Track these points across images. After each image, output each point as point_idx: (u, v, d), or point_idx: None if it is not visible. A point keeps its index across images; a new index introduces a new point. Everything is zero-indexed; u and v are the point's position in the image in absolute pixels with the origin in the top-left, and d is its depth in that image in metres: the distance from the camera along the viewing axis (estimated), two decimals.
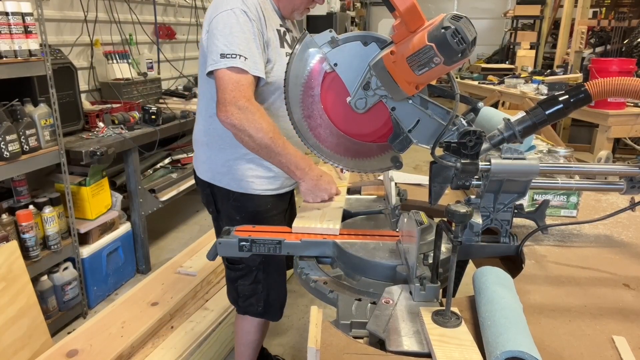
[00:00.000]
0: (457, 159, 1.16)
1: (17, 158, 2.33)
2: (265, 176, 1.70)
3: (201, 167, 1.78)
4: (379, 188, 1.80)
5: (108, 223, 3.01)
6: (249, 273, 1.76)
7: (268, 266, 1.76)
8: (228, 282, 1.85)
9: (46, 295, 2.57)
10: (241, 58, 1.45)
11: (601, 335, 0.97)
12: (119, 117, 3.15)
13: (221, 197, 1.75)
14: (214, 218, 1.86)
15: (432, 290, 1.05)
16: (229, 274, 1.83)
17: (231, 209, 1.74)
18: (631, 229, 1.48)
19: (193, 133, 1.82)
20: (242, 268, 1.76)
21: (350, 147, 1.33)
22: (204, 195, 1.81)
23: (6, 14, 2.26)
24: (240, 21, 1.46)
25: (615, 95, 1.20)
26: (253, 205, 1.71)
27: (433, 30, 1.00)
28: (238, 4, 1.48)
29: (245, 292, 1.79)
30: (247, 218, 1.69)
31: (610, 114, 3.50)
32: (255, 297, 1.80)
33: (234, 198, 1.72)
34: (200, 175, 1.79)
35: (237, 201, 1.72)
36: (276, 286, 1.83)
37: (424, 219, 1.09)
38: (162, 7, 4.31)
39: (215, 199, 1.77)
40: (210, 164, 1.73)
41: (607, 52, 5.49)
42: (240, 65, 1.45)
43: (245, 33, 1.47)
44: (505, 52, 9.06)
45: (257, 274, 1.76)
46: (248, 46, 1.47)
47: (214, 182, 1.73)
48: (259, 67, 1.49)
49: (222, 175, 1.71)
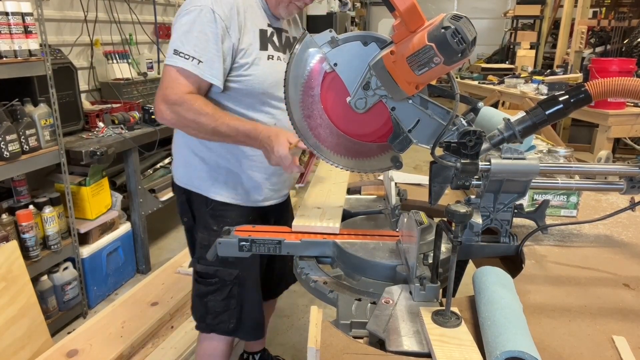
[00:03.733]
0: (457, 159, 1.16)
1: (17, 158, 2.33)
2: (247, 186, 1.64)
3: (178, 171, 1.70)
4: (379, 188, 1.80)
5: (108, 223, 3.01)
6: (222, 287, 1.65)
7: (244, 280, 1.67)
8: (195, 297, 1.72)
9: (46, 295, 2.57)
10: (194, 61, 1.39)
11: (601, 335, 0.97)
12: (119, 117, 3.15)
13: (198, 205, 1.66)
14: (188, 229, 1.76)
15: (432, 290, 1.05)
16: (198, 289, 1.70)
17: (209, 218, 1.64)
18: (631, 229, 1.48)
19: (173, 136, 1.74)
20: (215, 282, 1.65)
21: (350, 147, 1.33)
22: (179, 203, 1.72)
23: (6, 14, 2.26)
24: (203, 20, 1.39)
25: (616, 96, 1.20)
26: (233, 216, 1.63)
27: (433, 30, 1.00)
28: (209, 2, 1.41)
29: (217, 309, 1.67)
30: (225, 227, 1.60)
31: (610, 114, 3.50)
32: (228, 314, 1.68)
33: (212, 206, 1.63)
34: (177, 180, 1.70)
35: (216, 210, 1.63)
36: (251, 302, 1.72)
37: (424, 219, 1.09)
38: (162, 7, 4.31)
39: (192, 206, 1.68)
40: (188, 168, 1.65)
41: (607, 52, 5.49)
42: (190, 69, 1.40)
43: (206, 34, 1.40)
44: (505, 52, 9.06)
45: (231, 289, 1.66)
46: (205, 48, 1.40)
47: (192, 188, 1.65)
48: (214, 73, 1.43)
49: (201, 181, 1.63)
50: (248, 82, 1.51)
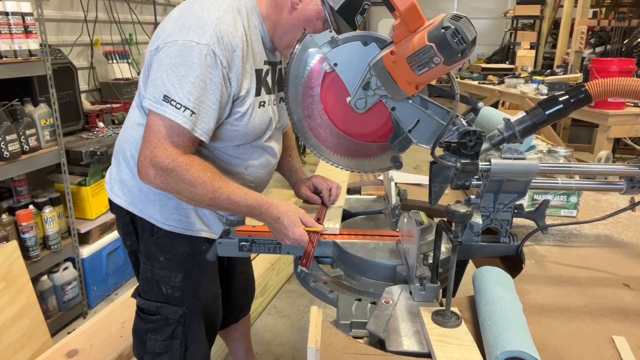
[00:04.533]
0: (457, 159, 1.16)
1: (17, 158, 2.32)
2: (203, 212, 1.42)
3: (118, 187, 1.42)
4: (379, 188, 1.80)
5: (108, 223, 3.00)
6: (164, 327, 1.44)
7: (191, 319, 1.46)
8: (134, 333, 1.51)
9: (46, 295, 2.57)
10: (186, 112, 1.17)
11: (601, 335, 0.97)
12: (119, 117, 3.15)
13: (141, 230, 1.42)
14: (131, 252, 1.51)
15: (432, 290, 1.05)
16: (137, 325, 1.49)
17: (153, 247, 1.41)
18: (631, 229, 1.48)
19: (116, 142, 1.45)
20: (156, 320, 1.44)
21: (350, 147, 1.33)
22: (121, 224, 1.45)
23: (6, 14, 2.26)
24: (203, 64, 1.17)
25: (616, 96, 1.20)
26: (183, 247, 1.41)
27: (433, 30, 1.00)
28: (212, 40, 1.18)
29: (156, 349, 1.45)
30: (174, 261, 1.40)
31: (610, 114, 3.49)
32: (168, 355, 1.46)
33: (159, 236, 1.39)
34: (115, 197, 1.43)
35: (162, 239, 1.39)
36: (197, 342, 1.50)
37: (424, 219, 1.09)
38: (162, 7, 4.31)
39: (136, 229, 1.43)
40: (132, 186, 1.38)
41: (607, 52, 5.49)
42: (181, 123, 1.17)
43: (204, 82, 1.18)
44: (505, 52, 9.06)
45: (175, 329, 1.44)
46: (201, 99, 1.19)
47: (136, 211, 1.39)
48: (205, 128, 1.22)
49: (146, 205, 1.37)
50: (240, 128, 1.33)
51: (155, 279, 1.42)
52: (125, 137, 1.39)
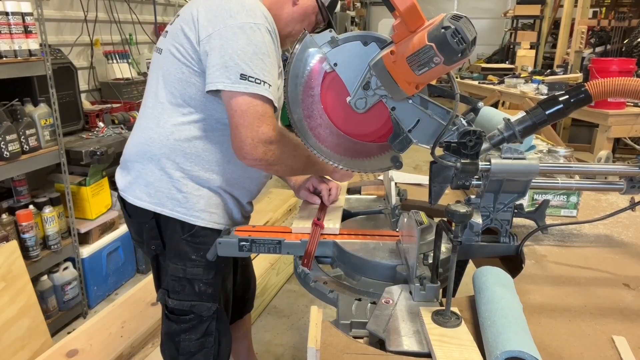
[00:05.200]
0: (457, 158, 1.16)
1: (17, 158, 2.33)
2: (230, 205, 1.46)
3: (141, 190, 1.41)
4: (379, 188, 1.80)
5: (108, 223, 3.01)
6: (198, 325, 1.45)
7: (222, 314, 1.49)
8: (165, 336, 1.51)
9: (46, 295, 2.57)
10: (265, 85, 1.24)
11: (601, 335, 0.97)
12: (119, 117, 3.15)
13: (170, 231, 1.42)
14: (154, 257, 1.52)
15: (432, 290, 1.05)
16: (169, 327, 1.48)
17: (185, 246, 1.41)
18: (631, 229, 1.48)
19: (129, 145, 1.46)
20: (190, 319, 1.45)
21: (350, 147, 1.33)
22: (147, 229, 1.44)
23: (6, 14, 2.26)
24: (266, 41, 1.27)
25: (616, 96, 1.20)
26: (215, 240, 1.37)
27: (433, 30, 1.00)
28: (262, 20, 1.27)
29: (191, 349, 1.46)
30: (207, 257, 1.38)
31: (610, 114, 3.50)
32: (203, 353, 1.47)
33: (192, 233, 1.40)
34: (138, 201, 1.41)
35: (196, 236, 1.40)
36: (227, 336, 1.54)
37: (424, 219, 1.09)
38: (162, 7, 4.31)
39: (162, 232, 1.44)
40: (160, 186, 1.38)
41: (607, 52, 5.49)
42: (265, 94, 1.24)
43: (270, 56, 1.27)
44: (505, 52, 9.07)
45: (209, 325, 1.47)
46: (272, 72, 1.27)
47: (165, 211, 1.39)
48: (276, 98, 1.30)
49: (177, 204, 1.38)
50: None
51: (187, 277, 1.43)
52: (157, 137, 1.38)
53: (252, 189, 1.52)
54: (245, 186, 1.49)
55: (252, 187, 1.51)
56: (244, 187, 1.49)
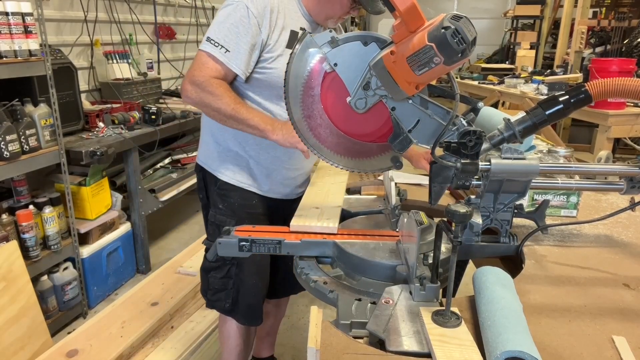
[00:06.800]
0: (457, 159, 1.16)
1: (17, 158, 2.33)
2: (255, 172, 1.73)
3: (199, 151, 1.83)
4: (379, 188, 1.80)
5: (108, 223, 3.01)
6: (222, 266, 1.74)
7: (242, 264, 1.73)
8: (202, 271, 1.84)
9: (46, 295, 2.57)
10: (222, 49, 1.51)
11: (601, 335, 0.97)
12: (119, 117, 3.15)
13: (210, 183, 1.79)
14: (204, 205, 1.88)
15: (432, 290, 1.05)
16: (204, 264, 1.82)
17: (216, 196, 1.76)
18: (631, 229, 1.48)
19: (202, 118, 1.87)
20: (216, 260, 1.67)
21: (350, 147, 1.33)
22: (198, 181, 1.86)
23: (6, 14, 2.26)
24: (237, 15, 1.51)
25: (616, 96, 1.20)
26: (236, 197, 1.73)
27: (433, 30, 1.00)
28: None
29: (215, 286, 1.77)
30: (230, 208, 1.72)
31: (610, 114, 3.50)
32: (224, 293, 1.77)
33: (219, 185, 1.74)
34: (197, 159, 1.84)
35: (222, 189, 1.74)
36: (248, 287, 1.77)
37: (424, 219, 1.09)
38: (162, 7, 4.31)
39: (206, 184, 1.80)
40: (206, 148, 1.78)
41: (607, 52, 5.49)
42: (217, 55, 1.51)
43: (238, 27, 1.51)
44: (505, 52, 9.06)
45: (230, 269, 1.74)
46: (236, 40, 1.51)
47: (206, 167, 1.77)
48: (239, 64, 1.53)
49: (213, 161, 1.75)
50: (270, 75, 1.59)
51: (216, 223, 1.74)
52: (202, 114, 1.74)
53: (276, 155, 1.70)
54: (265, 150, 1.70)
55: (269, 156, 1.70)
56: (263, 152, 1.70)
